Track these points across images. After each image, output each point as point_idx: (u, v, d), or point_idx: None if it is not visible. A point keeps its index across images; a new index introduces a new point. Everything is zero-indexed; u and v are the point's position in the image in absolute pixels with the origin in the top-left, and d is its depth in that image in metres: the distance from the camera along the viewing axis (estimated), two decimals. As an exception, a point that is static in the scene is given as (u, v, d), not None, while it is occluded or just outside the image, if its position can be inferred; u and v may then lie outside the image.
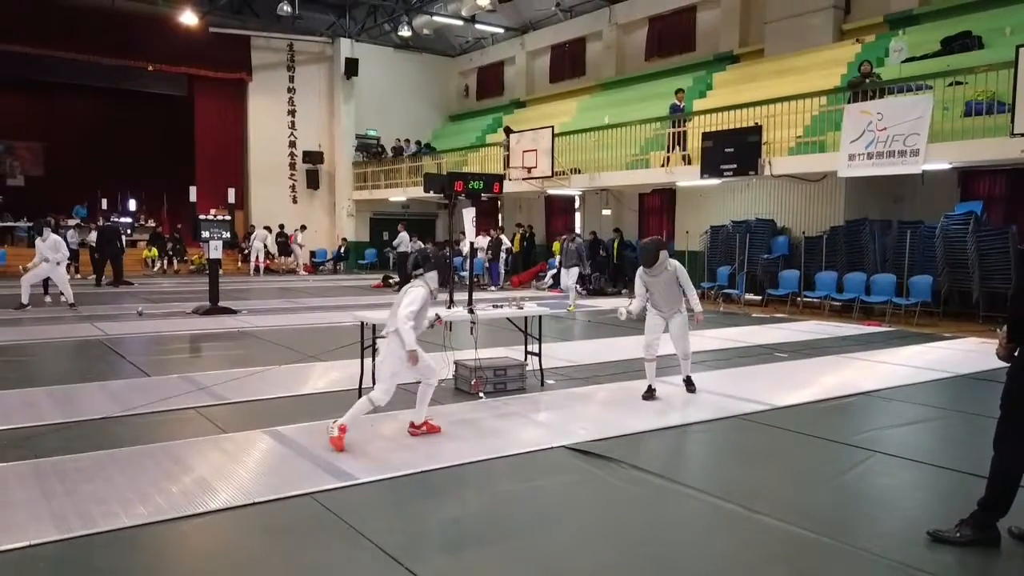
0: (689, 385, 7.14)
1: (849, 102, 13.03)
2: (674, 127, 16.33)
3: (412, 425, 5.64)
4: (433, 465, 4.89)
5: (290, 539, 3.79)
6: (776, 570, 3.50)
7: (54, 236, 13.52)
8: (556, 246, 19.58)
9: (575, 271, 14.62)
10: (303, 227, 25.46)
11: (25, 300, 13.14)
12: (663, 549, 3.74)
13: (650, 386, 6.96)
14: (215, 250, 13.07)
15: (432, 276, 5.45)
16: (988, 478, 3.66)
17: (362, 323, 6.77)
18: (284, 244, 24.90)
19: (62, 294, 13.43)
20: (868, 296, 13.51)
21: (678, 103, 16.65)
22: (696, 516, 4.18)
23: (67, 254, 13.90)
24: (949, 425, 6.34)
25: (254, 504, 4.18)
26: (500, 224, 24.14)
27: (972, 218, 12.61)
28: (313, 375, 8.00)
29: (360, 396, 6.63)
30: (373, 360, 6.57)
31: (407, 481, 4.62)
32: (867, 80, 13.25)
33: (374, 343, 6.56)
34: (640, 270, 6.80)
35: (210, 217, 13.34)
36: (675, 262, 6.82)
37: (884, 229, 14.29)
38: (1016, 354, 3.57)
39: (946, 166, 12.49)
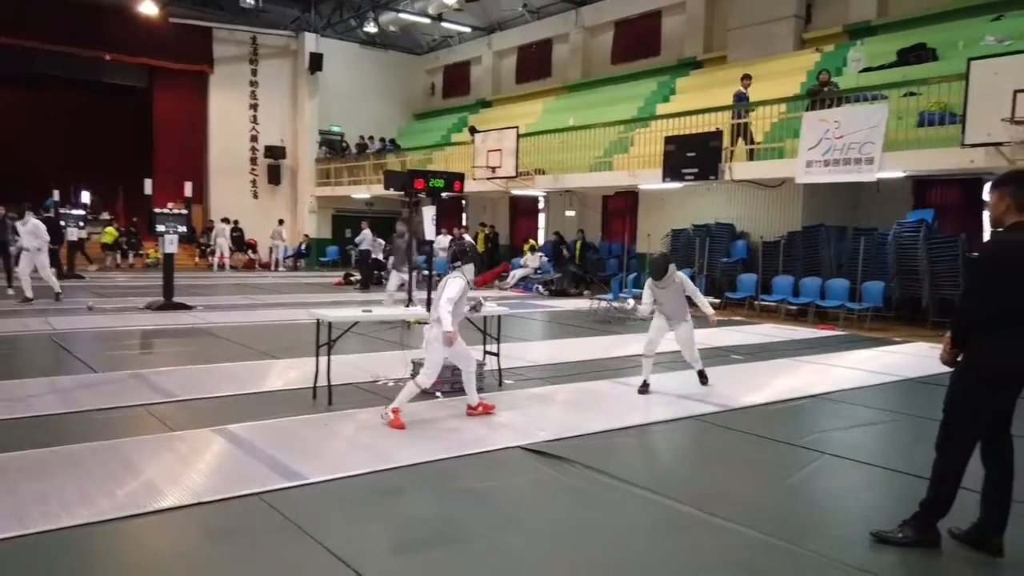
0: (702, 378, 7.62)
1: (808, 110, 13.27)
2: (737, 117, 14.65)
3: (469, 408, 6.20)
4: (387, 465, 4.84)
5: (237, 541, 3.71)
6: (732, 573, 3.53)
7: (34, 221, 13.00)
8: (526, 247, 19.63)
9: (396, 276, 12.18)
10: (281, 221, 25.17)
11: (29, 294, 12.80)
12: (619, 552, 3.73)
13: (645, 381, 7.33)
14: (170, 244, 12.79)
15: (469, 268, 5.95)
16: (930, 480, 3.74)
17: (318, 321, 6.67)
18: (239, 239, 24.59)
19: (23, 295, 12.95)
20: (823, 301, 13.77)
21: (743, 90, 14.90)
22: (652, 519, 4.19)
23: (47, 239, 13.29)
24: (896, 428, 6.47)
25: (200, 504, 4.08)
26: (464, 223, 24.09)
27: (923, 226, 12.93)
28: (269, 373, 7.87)
29: (315, 395, 6.62)
30: (329, 358, 6.50)
31: (360, 481, 4.56)
32: (825, 89, 13.50)
33: (330, 341, 6.49)
34: (649, 281, 7.35)
35: (166, 211, 13.06)
36: (681, 274, 7.41)
37: (839, 235, 14.59)
38: (959, 359, 3.65)
39: (900, 175, 12.80)
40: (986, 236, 13.30)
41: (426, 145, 24.45)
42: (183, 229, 12.95)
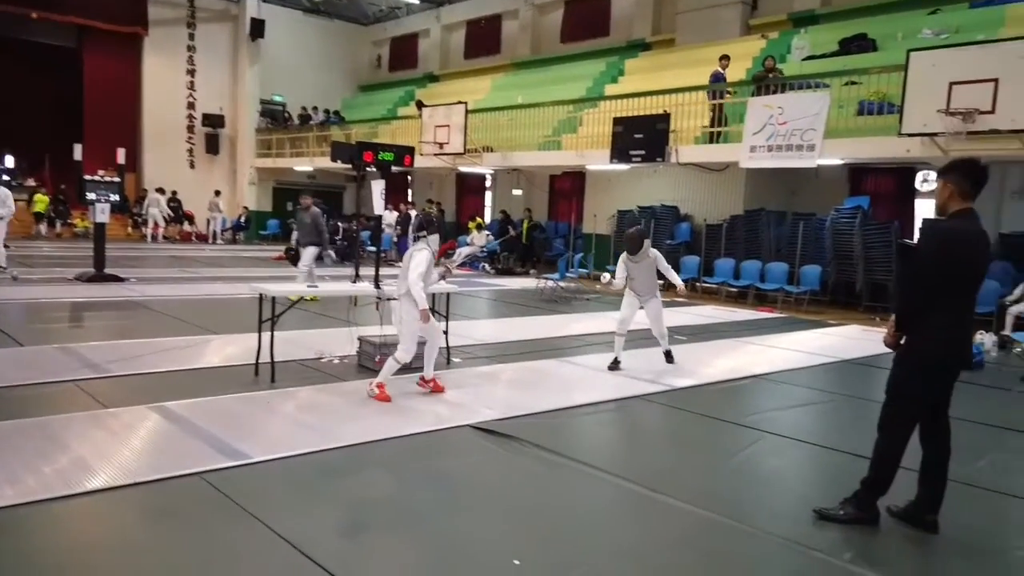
0: (668, 358, 7.69)
1: (753, 95, 13.46)
2: (715, 98, 14.18)
3: (422, 379, 6.17)
4: (334, 444, 4.74)
5: (176, 522, 3.58)
6: (680, 551, 3.57)
7: (3, 189, 12.33)
8: (471, 224, 19.46)
9: (312, 249, 10.80)
10: (218, 192, 24.36)
11: (3, 263, 11.97)
12: (571, 531, 3.74)
13: (616, 358, 7.45)
14: (101, 213, 12.24)
15: (434, 239, 5.92)
16: (872, 459, 3.85)
17: (261, 295, 6.47)
18: (177, 210, 23.77)
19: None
20: (762, 283, 14.11)
21: (721, 71, 14.48)
22: (602, 497, 4.22)
23: (13, 209, 12.64)
24: (833, 408, 6.67)
25: (136, 484, 3.92)
26: (410, 199, 23.77)
27: (859, 212, 13.31)
28: (208, 349, 7.62)
29: (257, 372, 6.44)
30: (272, 334, 6.32)
31: (306, 461, 4.45)
32: (770, 75, 13.71)
33: (273, 316, 6.31)
34: (624, 255, 7.35)
35: (97, 178, 12.47)
36: (655, 250, 7.43)
37: (779, 220, 14.92)
38: (902, 342, 3.75)
39: (839, 162, 13.13)
40: (918, 223, 13.84)
41: (372, 118, 23.96)
42: (115, 198, 12.41)
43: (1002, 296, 10.55)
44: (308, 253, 10.62)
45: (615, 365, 7.44)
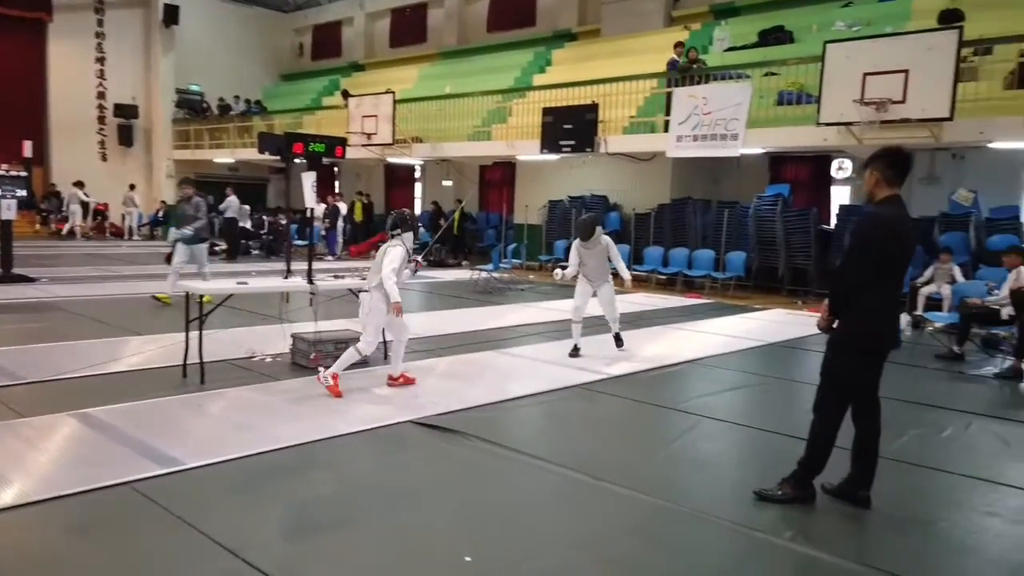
0: (618, 341, 7.85)
1: (678, 86, 13.70)
2: (671, 85, 13.80)
3: (390, 378, 6.21)
4: (273, 446, 4.59)
5: (107, 536, 3.39)
6: (628, 538, 3.60)
7: None
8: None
9: (202, 246, 10.22)
10: (132, 187, 23.26)
11: None
12: (518, 524, 3.73)
13: (575, 345, 7.59)
14: (8, 210, 11.54)
15: (408, 236, 5.99)
16: (807, 440, 3.98)
17: (187, 294, 6.21)
18: (86, 205, 22.68)
19: None
20: (690, 270, 14.44)
21: (676, 58, 14.45)
22: (547, 488, 4.22)
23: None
24: (763, 390, 6.87)
25: (59, 498, 3.70)
26: (338, 191, 23.29)
27: (780, 200, 13.76)
28: (132, 350, 7.27)
29: (185, 373, 6.19)
30: (200, 333, 6.09)
31: (242, 464, 4.29)
32: (695, 66, 13.99)
33: (201, 315, 6.07)
34: (576, 242, 7.50)
35: (2, 172, 11.74)
36: (607, 237, 7.55)
37: (705, 208, 15.29)
38: (835, 326, 3.87)
39: (760, 151, 13.53)
40: (835, 210, 14.40)
41: (296, 108, 23.34)
42: (22, 193, 11.71)
43: (914, 278, 11.10)
44: (183, 251, 9.87)
45: (575, 352, 7.57)
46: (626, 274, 7.75)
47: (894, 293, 3.83)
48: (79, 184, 22.04)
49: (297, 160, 6.90)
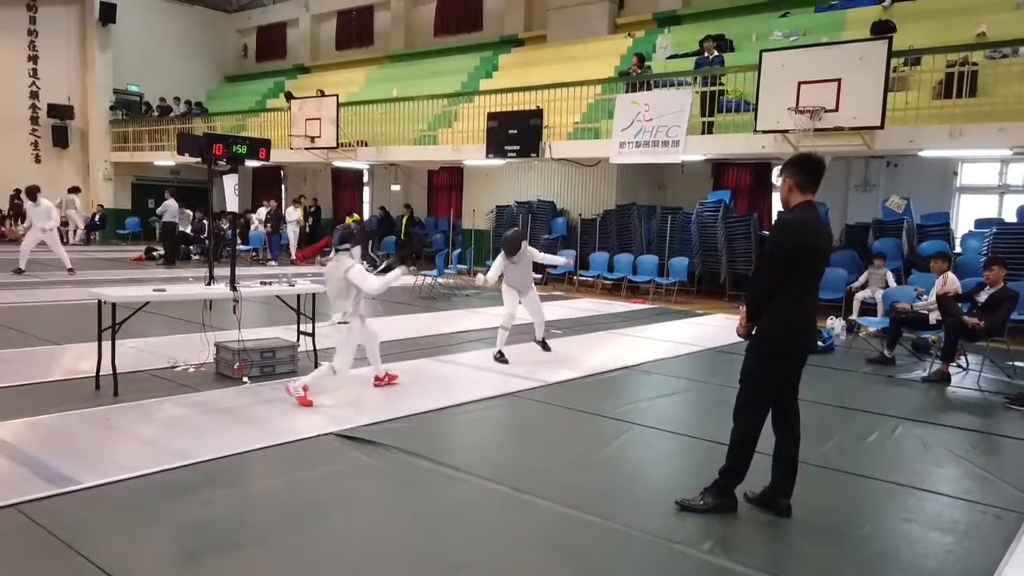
0: (544, 346, 8.04)
1: (634, 91, 13.72)
2: (706, 85, 13.03)
3: (376, 379, 6.43)
4: (180, 462, 4.36)
5: (-19, 563, 3.16)
6: (539, 551, 3.50)
7: (46, 202, 13.74)
8: (349, 220, 18.87)
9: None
10: (76, 189, 22.45)
11: (23, 265, 13.62)
12: (430, 539, 3.59)
13: (500, 351, 7.69)
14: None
15: (357, 251, 5.98)
16: (728, 447, 3.93)
17: (99, 302, 5.92)
18: (19, 208, 21.85)
19: None
20: (635, 276, 14.49)
21: (707, 55, 13.77)
22: (465, 501, 4.08)
23: (59, 220, 14.17)
24: (698, 396, 6.87)
25: (-63, 523, 3.44)
26: (283, 194, 22.86)
27: (722, 206, 13.91)
28: (44, 361, 6.92)
29: (98, 385, 5.90)
30: (113, 342, 5.80)
31: (142, 483, 4.06)
32: (639, 72, 14.06)
33: (114, 324, 5.79)
34: (501, 256, 7.71)
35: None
36: (531, 248, 7.91)
37: (649, 214, 15.38)
38: (753, 332, 3.84)
39: (701, 158, 13.65)
40: (775, 215, 14.61)
41: (239, 110, 22.82)
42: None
43: (849, 283, 11.30)
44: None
45: (501, 357, 7.66)
46: (559, 260, 8.66)
47: (807, 298, 3.82)
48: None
49: (221, 162, 6.65)
